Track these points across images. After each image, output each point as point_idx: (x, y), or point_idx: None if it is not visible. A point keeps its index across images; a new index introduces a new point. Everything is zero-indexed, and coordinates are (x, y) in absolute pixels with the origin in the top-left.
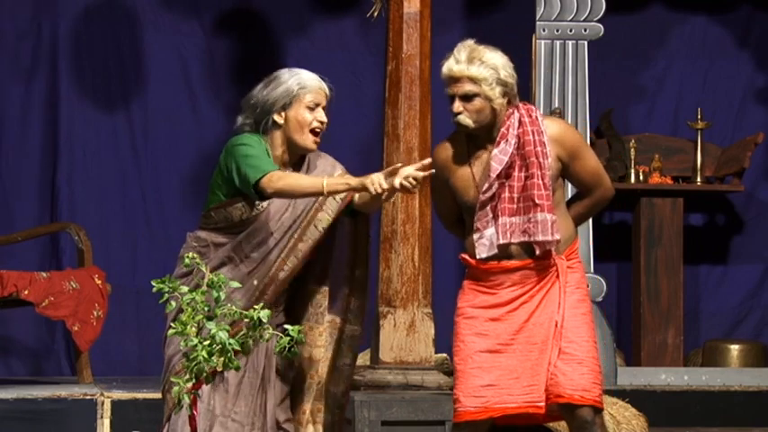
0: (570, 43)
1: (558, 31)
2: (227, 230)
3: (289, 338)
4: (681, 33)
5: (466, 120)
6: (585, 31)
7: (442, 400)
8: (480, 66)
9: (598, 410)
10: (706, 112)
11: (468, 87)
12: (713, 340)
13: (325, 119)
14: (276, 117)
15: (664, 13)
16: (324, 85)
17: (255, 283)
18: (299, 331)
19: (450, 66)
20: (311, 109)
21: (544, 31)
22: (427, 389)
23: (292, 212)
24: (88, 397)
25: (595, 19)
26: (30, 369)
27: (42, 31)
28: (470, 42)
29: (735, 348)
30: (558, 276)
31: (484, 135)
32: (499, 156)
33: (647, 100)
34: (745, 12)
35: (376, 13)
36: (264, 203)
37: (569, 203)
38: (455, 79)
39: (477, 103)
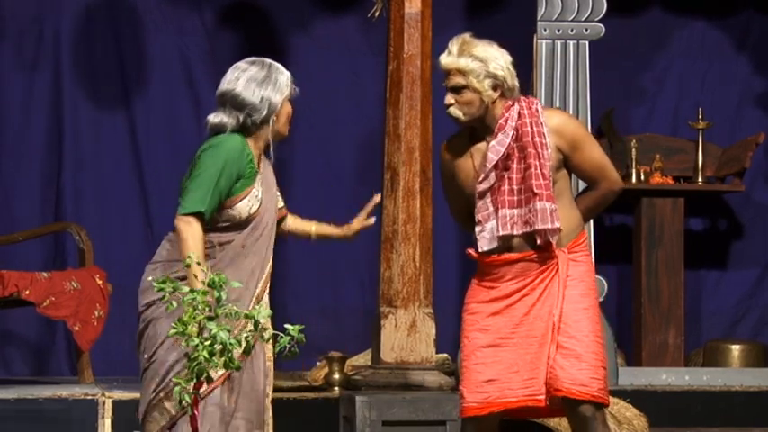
0: (571, 43)
1: (559, 31)
2: (233, 228)
3: (289, 338)
4: (680, 36)
5: (456, 112)
6: (586, 31)
7: (443, 400)
8: (468, 58)
9: (599, 406)
10: (706, 113)
11: (457, 80)
12: (714, 340)
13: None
14: (274, 116)
15: (664, 16)
16: None
17: (257, 276)
18: (300, 331)
19: (442, 58)
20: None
21: (545, 31)
22: (428, 389)
23: (271, 200)
24: (89, 397)
25: (596, 19)
26: (31, 369)
27: (44, 31)
28: (465, 36)
29: (736, 348)
30: (557, 269)
31: (482, 128)
32: (496, 147)
33: (647, 100)
34: (743, 15)
35: (377, 14)
36: (259, 192)
37: (578, 197)
38: (447, 71)
39: (467, 95)
